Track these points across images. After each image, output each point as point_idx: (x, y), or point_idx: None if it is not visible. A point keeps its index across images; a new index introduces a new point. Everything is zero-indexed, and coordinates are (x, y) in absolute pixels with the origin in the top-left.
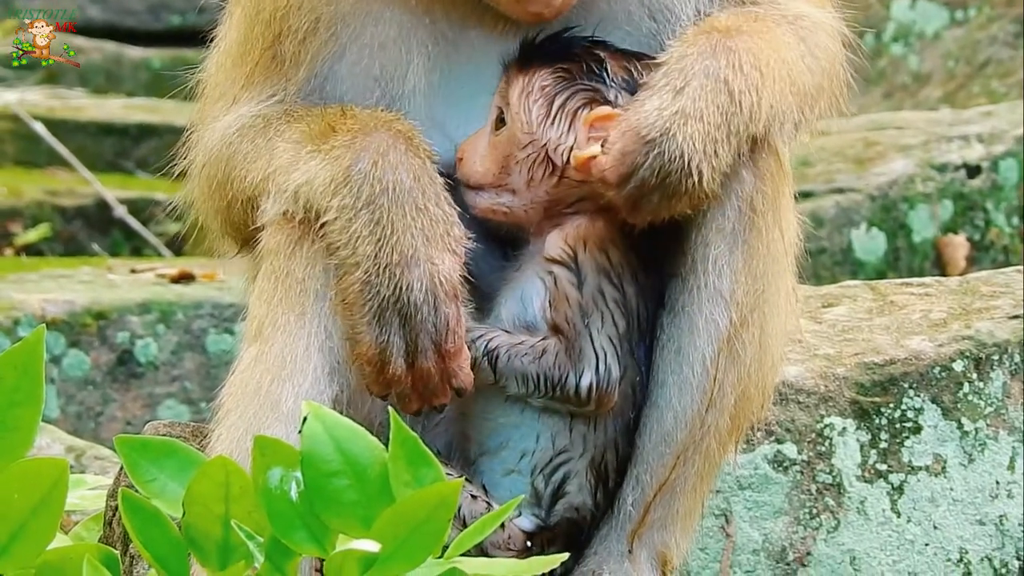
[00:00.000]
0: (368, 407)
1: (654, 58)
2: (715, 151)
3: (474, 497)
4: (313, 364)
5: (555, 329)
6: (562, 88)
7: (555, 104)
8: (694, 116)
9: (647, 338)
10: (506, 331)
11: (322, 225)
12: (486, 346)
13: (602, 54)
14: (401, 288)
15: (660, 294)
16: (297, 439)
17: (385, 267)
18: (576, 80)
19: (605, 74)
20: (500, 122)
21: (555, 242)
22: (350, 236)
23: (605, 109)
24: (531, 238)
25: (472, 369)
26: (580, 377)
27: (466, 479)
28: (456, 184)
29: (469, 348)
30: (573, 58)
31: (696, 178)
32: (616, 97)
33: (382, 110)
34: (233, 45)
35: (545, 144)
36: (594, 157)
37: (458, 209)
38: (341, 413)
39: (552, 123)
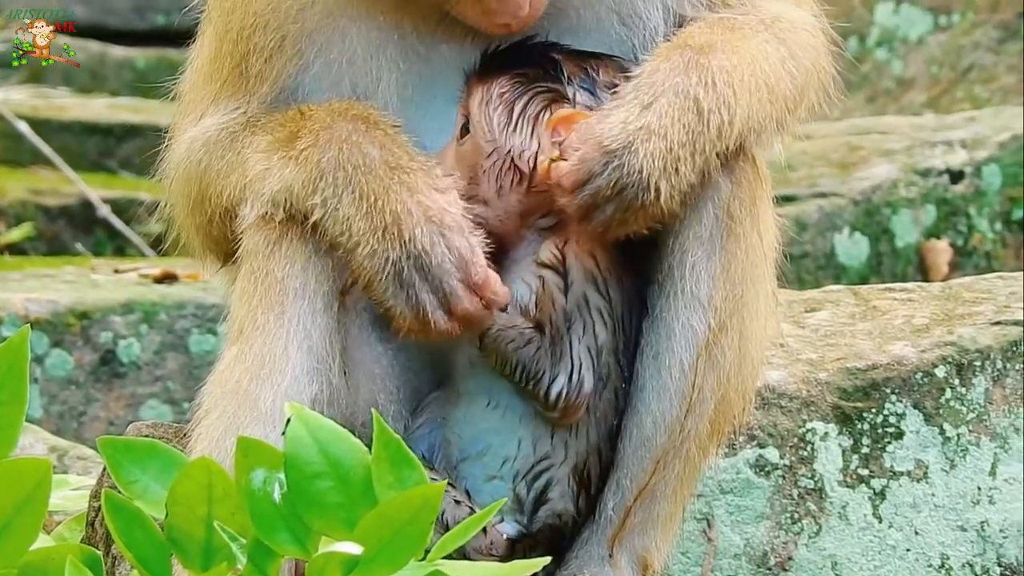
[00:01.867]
0: (350, 407)
1: (611, 57)
2: (676, 169)
3: (457, 502)
4: (292, 363)
5: (539, 326)
6: (520, 93)
7: (515, 110)
8: (658, 133)
9: (632, 345)
10: (504, 312)
11: (314, 226)
12: None
13: (557, 56)
14: (405, 242)
15: (644, 300)
16: (276, 438)
17: (383, 232)
18: (533, 84)
19: (561, 74)
20: (464, 131)
21: (546, 247)
22: (342, 221)
23: (566, 110)
24: (512, 246)
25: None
26: (553, 380)
27: (449, 484)
28: None
29: None
30: (529, 63)
31: (653, 194)
32: (575, 95)
33: (337, 101)
34: (204, 63)
35: (509, 151)
36: (555, 161)
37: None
38: (321, 412)
39: (514, 130)
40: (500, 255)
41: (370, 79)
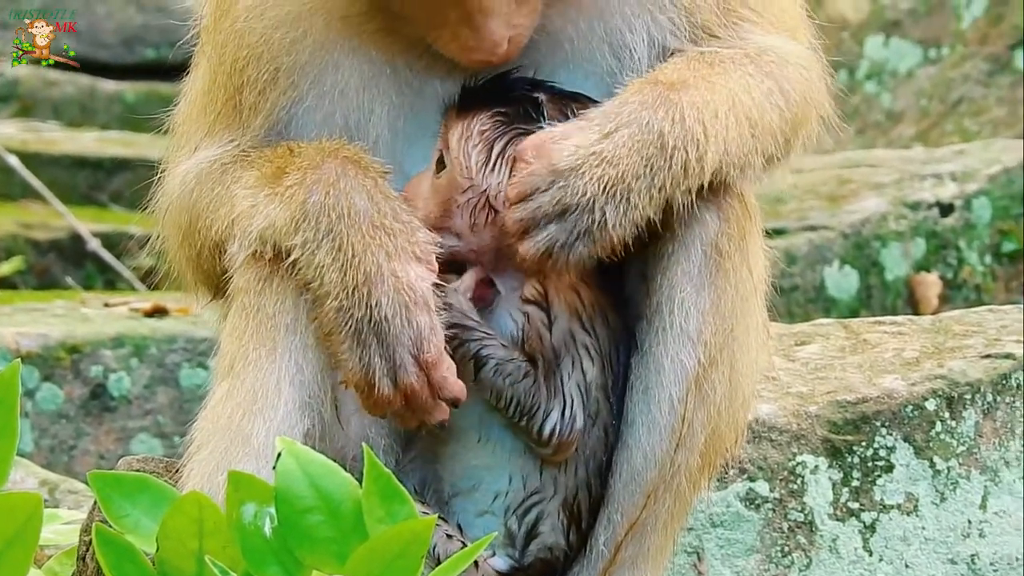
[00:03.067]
0: (341, 442)
1: (596, 101)
2: (627, 199)
3: (449, 536)
4: (284, 399)
5: (532, 361)
6: (500, 133)
7: (494, 150)
8: (610, 161)
9: (620, 381)
10: (504, 344)
11: (292, 263)
12: (479, 350)
13: (541, 96)
14: (371, 307)
15: (632, 336)
16: (269, 474)
17: (353, 290)
18: (513, 124)
19: (542, 117)
20: (440, 164)
21: (528, 285)
22: (316, 268)
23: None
24: (497, 278)
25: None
26: (547, 417)
27: (440, 518)
28: None
29: (464, 347)
30: (511, 101)
31: (599, 219)
32: None
33: (327, 140)
34: (198, 95)
35: (485, 190)
36: None
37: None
38: (313, 447)
39: (492, 169)
40: (487, 292)
41: (362, 112)
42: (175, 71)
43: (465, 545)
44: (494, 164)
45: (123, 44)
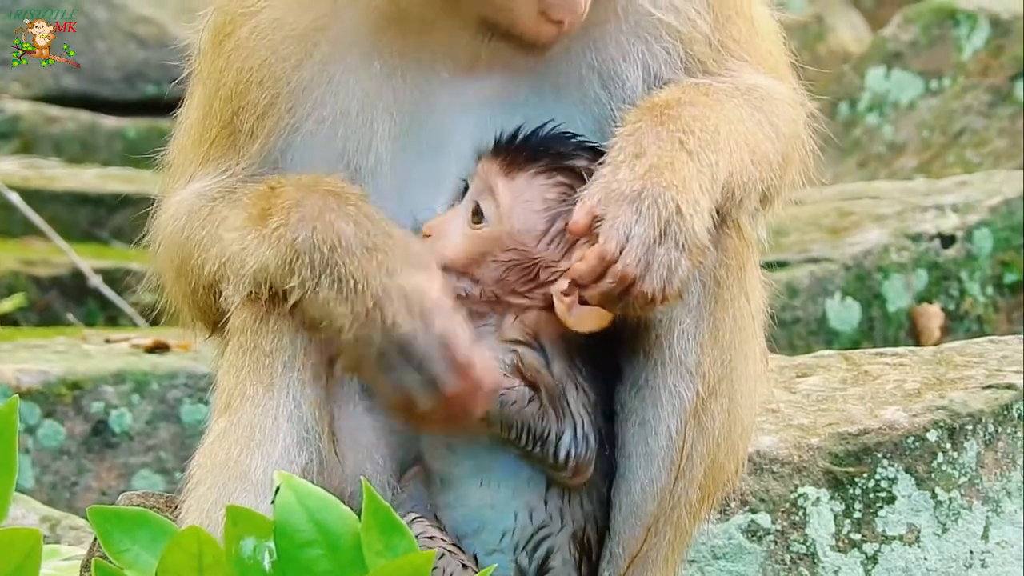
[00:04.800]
0: (339, 477)
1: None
2: (694, 198)
3: (464, 566)
4: (282, 435)
5: (533, 387)
6: (566, 210)
7: (556, 225)
8: (666, 167)
9: (608, 413)
10: (504, 373)
11: (294, 305)
12: None
13: (587, 164)
14: (388, 328)
15: (617, 368)
16: (267, 509)
17: (365, 317)
18: (575, 196)
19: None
20: (477, 215)
21: (513, 326)
22: (322, 305)
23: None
24: (476, 315)
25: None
26: (560, 438)
27: (455, 545)
28: None
29: None
30: (574, 169)
31: (688, 221)
32: None
33: (306, 176)
34: (193, 124)
35: (537, 259)
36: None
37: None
38: (312, 482)
39: (550, 244)
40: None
41: (364, 131)
42: (176, 107)
43: (464, 566)
44: (553, 238)
45: (124, 80)
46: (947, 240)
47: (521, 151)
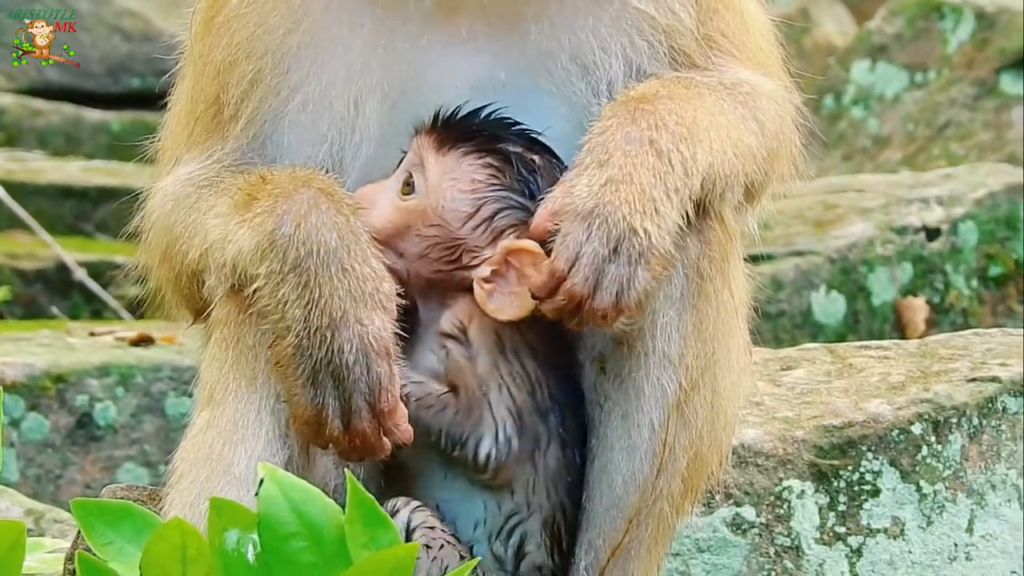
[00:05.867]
0: (323, 467)
1: (555, 154)
2: (655, 209)
3: (462, 557)
4: (265, 428)
5: (454, 390)
6: (492, 192)
7: (483, 211)
8: (624, 180)
9: (560, 405)
10: (419, 381)
11: (253, 292)
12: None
13: (536, 160)
14: (332, 351)
15: (565, 361)
16: (250, 502)
17: (315, 330)
18: (509, 189)
19: (537, 188)
20: (408, 186)
21: (447, 317)
22: (279, 301)
23: (529, 244)
24: (420, 303)
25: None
26: (479, 442)
27: (455, 537)
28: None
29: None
30: (505, 153)
31: (644, 237)
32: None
33: (301, 168)
34: (181, 106)
35: (460, 240)
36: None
37: (386, 263)
38: (295, 475)
39: (475, 228)
40: (409, 323)
41: (349, 107)
42: (161, 100)
43: (462, 557)
44: (479, 225)
45: (108, 73)
46: (932, 233)
47: (456, 129)
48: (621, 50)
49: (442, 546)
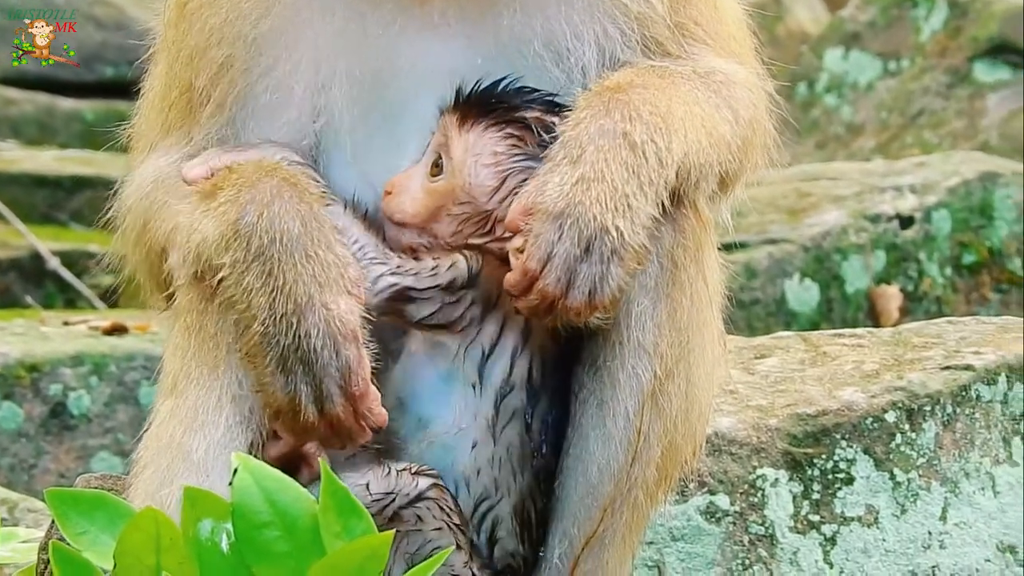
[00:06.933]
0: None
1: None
2: (628, 205)
3: (459, 548)
4: (225, 415)
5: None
6: (515, 163)
7: (508, 183)
8: (595, 179)
9: (535, 387)
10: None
11: (219, 281)
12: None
13: (555, 122)
14: (299, 336)
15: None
16: (209, 487)
17: (281, 317)
18: (531, 156)
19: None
20: (436, 167)
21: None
22: (244, 290)
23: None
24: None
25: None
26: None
27: (467, 523)
28: (370, 217)
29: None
30: (523, 121)
31: (616, 236)
32: None
33: (268, 159)
34: (155, 92)
35: (490, 211)
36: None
37: (351, 249)
38: (260, 459)
39: (503, 200)
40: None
41: (319, 93)
42: (135, 88)
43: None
44: (505, 195)
45: (82, 62)
46: (905, 221)
47: (476, 104)
48: (594, 37)
49: (452, 530)
